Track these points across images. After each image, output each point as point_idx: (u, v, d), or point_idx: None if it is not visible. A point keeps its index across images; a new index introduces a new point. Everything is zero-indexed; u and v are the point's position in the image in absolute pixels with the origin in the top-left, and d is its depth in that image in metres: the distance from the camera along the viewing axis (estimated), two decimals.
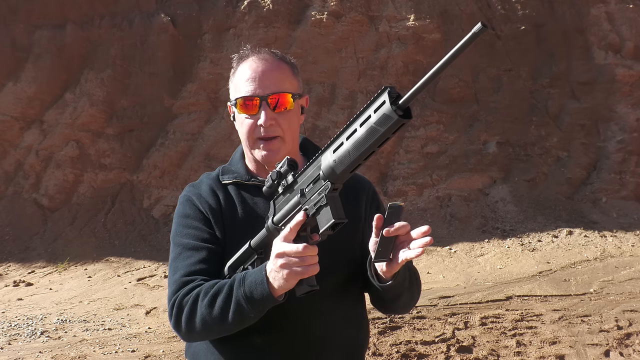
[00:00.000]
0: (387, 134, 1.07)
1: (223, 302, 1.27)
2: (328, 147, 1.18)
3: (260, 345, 1.41)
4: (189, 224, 1.44)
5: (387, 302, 1.44)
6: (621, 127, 9.82)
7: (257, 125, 1.41)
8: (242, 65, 1.47)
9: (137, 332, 5.16)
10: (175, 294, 1.35)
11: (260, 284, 1.23)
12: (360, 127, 1.10)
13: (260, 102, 1.40)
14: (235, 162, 1.55)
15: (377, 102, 1.07)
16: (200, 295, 1.30)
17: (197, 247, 1.40)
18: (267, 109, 1.39)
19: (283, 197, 1.29)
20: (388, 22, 9.92)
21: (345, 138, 1.14)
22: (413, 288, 1.44)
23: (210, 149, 9.20)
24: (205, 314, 1.28)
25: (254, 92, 1.41)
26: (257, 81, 1.41)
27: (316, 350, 1.43)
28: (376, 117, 1.07)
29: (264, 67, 1.43)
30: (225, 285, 1.29)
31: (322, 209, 1.19)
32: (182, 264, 1.39)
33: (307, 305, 1.42)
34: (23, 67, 9.35)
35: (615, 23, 10.33)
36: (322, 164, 1.18)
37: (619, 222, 8.64)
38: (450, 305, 5.54)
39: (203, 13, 9.77)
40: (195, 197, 1.47)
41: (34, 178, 9.13)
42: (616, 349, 4.34)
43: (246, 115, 1.43)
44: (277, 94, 1.41)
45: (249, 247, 1.34)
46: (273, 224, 1.30)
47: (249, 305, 1.24)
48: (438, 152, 9.52)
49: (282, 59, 1.48)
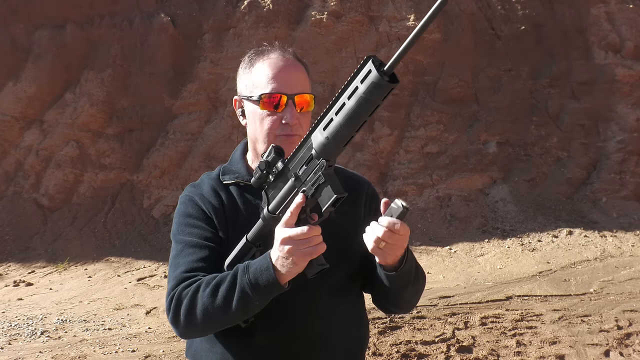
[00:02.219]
0: (377, 102, 1.08)
1: (226, 291, 1.25)
2: (316, 126, 1.19)
3: (260, 345, 1.40)
4: (192, 223, 1.43)
5: (392, 296, 1.41)
6: (621, 127, 9.82)
7: (280, 123, 1.41)
8: (263, 61, 1.45)
9: (137, 332, 5.16)
10: (175, 289, 1.33)
11: (265, 271, 1.22)
12: (349, 99, 1.11)
13: (287, 100, 1.40)
14: (236, 162, 1.55)
15: (363, 73, 1.08)
16: (202, 286, 1.29)
17: (200, 245, 1.39)
18: (293, 108, 1.40)
19: (275, 185, 1.29)
20: (388, 22, 9.92)
21: (335, 113, 1.14)
22: (418, 282, 1.43)
23: (210, 149, 9.20)
24: (207, 303, 1.26)
25: (281, 89, 1.40)
26: (283, 79, 1.42)
27: (316, 350, 1.43)
28: (365, 87, 1.07)
29: (288, 66, 1.44)
30: (228, 275, 1.28)
31: (321, 188, 1.19)
32: (183, 261, 1.37)
33: (307, 305, 1.42)
34: (23, 67, 9.34)
35: (615, 23, 10.33)
36: (313, 143, 1.19)
37: (619, 222, 8.64)
38: (450, 305, 5.54)
39: (203, 13, 9.77)
40: (197, 197, 1.47)
41: (34, 178, 9.13)
42: (616, 349, 4.34)
43: (269, 112, 1.42)
44: (302, 94, 1.42)
45: (246, 242, 1.34)
46: (269, 212, 1.29)
47: (254, 292, 1.23)
48: (438, 152, 9.52)
49: (298, 59, 1.49)
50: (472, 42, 10.14)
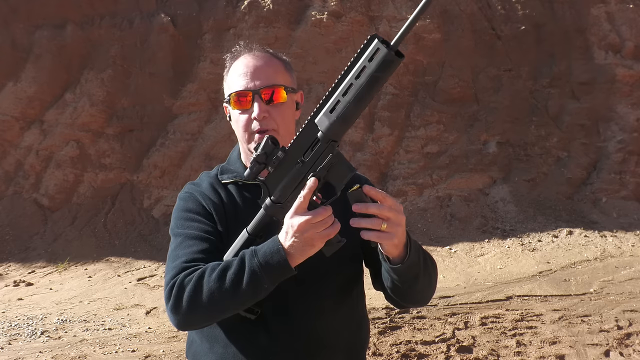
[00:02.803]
0: (386, 78, 1.12)
1: (235, 274, 1.23)
2: (319, 111, 1.19)
3: (261, 345, 1.40)
4: (191, 217, 1.42)
5: (405, 290, 1.36)
6: (621, 127, 9.82)
7: (251, 120, 1.41)
8: (235, 63, 1.47)
9: (137, 332, 5.16)
10: (175, 277, 1.29)
11: (276, 253, 1.21)
12: (357, 79, 1.12)
13: (253, 95, 1.40)
14: (234, 162, 1.55)
15: (369, 51, 1.11)
16: (207, 272, 1.26)
17: (200, 237, 1.37)
18: (260, 102, 1.40)
19: (276, 175, 1.27)
20: (388, 22, 9.91)
21: (342, 95, 1.15)
22: (429, 271, 1.37)
23: (210, 149, 9.20)
24: (214, 287, 1.23)
25: (246, 86, 1.41)
26: (249, 76, 1.42)
27: (317, 350, 1.43)
28: (375, 64, 1.10)
29: (255, 63, 1.44)
30: (234, 260, 1.26)
31: (333, 168, 1.21)
32: (183, 252, 1.35)
33: (308, 306, 1.42)
34: (23, 67, 9.34)
35: (615, 23, 10.33)
36: (319, 126, 1.19)
37: (619, 222, 8.64)
38: (450, 305, 5.54)
39: (203, 13, 9.77)
40: (197, 193, 1.46)
41: (34, 178, 9.13)
42: (616, 349, 4.34)
43: (240, 111, 1.43)
44: (269, 87, 1.41)
45: (247, 235, 1.32)
46: (272, 202, 1.27)
47: (264, 274, 1.21)
48: (438, 152, 9.52)
49: (274, 55, 1.49)
50: (472, 42, 10.14)
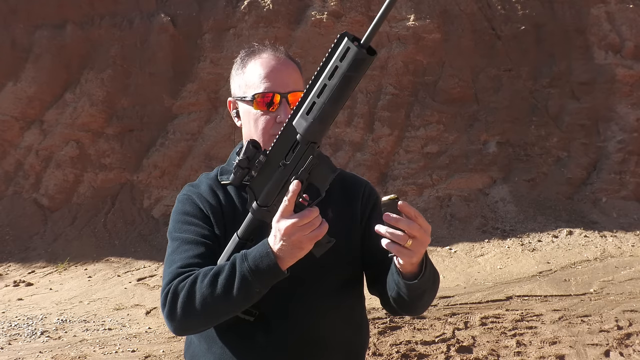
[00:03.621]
0: (359, 77, 1.10)
1: (226, 280, 1.23)
2: (296, 113, 1.19)
3: (259, 346, 1.40)
4: (189, 221, 1.42)
5: (410, 303, 1.34)
6: (621, 127, 9.82)
7: (274, 122, 1.40)
8: (255, 61, 1.46)
9: (137, 332, 5.16)
10: (170, 283, 1.30)
11: (265, 257, 1.20)
12: (330, 79, 1.11)
13: (280, 99, 1.40)
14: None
15: (340, 51, 1.09)
16: (199, 278, 1.26)
17: (197, 241, 1.37)
18: (287, 107, 1.39)
19: (260, 179, 1.27)
20: (388, 22, 9.91)
21: (317, 96, 1.14)
22: (435, 285, 1.38)
23: (210, 149, 9.20)
24: (206, 294, 1.23)
25: (274, 88, 1.40)
26: (276, 78, 1.41)
27: (316, 351, 1.42)
28: (347, 64, 1.08)
29: (280, 65, 1.44)
30: (226, 265, 1.26)
31: (315, 169, 1.20)
32: (179, 257, 1.35)
33: (307, 306, 1.41)
34: (23, 67, 9.34)
35: (615, 23, 10.33)
36: (297, 129, 1.19)
37: (619, 222, 8.64)
38: (450, 305, 5.54)
39: (203, 13, 9.77)
40: (195, 196, 1.46)
41: (34, 178, 9.13)
42: (616, 349, 4.34)
43: (262, 112, 1.42)
44: (296, 92, 1.41)
45: (238, 239, 1.32)
46: (259, 206, 1.27)
47: (254, 279, 1.21)
48: (438, 152, 9.52)
49: (291, 58, 1.49)
50: (472, 42, 10.14)
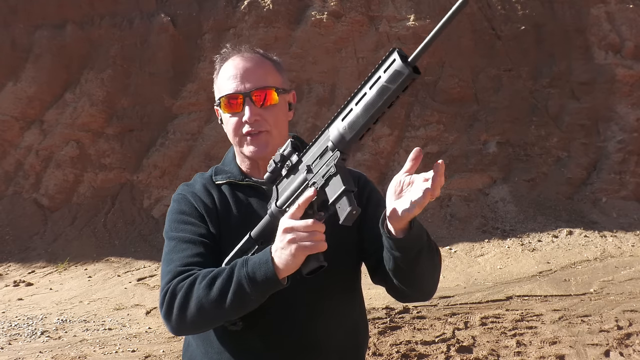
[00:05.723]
0: (397, 92, 1.08)
1: (222, 284, 1.21)
2: (337, 117, 1.17)
3: (256, 348, 1.39)
4: (185, 220, 1.42)
5: (407, 269, 1.26)
6: (621, 127, 9.82)
7: (243, 122, 1.40)
8: (224, 65, 1.46)
9: (137, 332, 5.16)
10: (169, 282, 1.29)
11: (264, 264, 1.18)
12: (371, 89, 1.10)
13: (243, 98, 1.39)
14: (229, 162, 1.54)
15: (387, 63, 1.08)
16: (198, 279, 1.25)
17: (194, 240, 1.37)
18: (251, 105, 1.38)
19: (287, 180, 1.26)
20: (388, 22, 9.91)
21: (355, 103, 1.13)
22: (434, 254, 1.32)
23: (210, 149, 9.20)
24: (202, 296, 1.22)
25: (237, 89, 1.40)
26: (239, 78, 1.40)
27: (316, 351, 1.42)
28: (387, 75, 1.07)
29: (245, 64, 1.42)
30: (226, 268, 1.24)
31: (331, 179, 1.16)
32: (178, 256, 1.34)
33: (304, 308, 1.41)
34: (23, 67, 9.34)
35: (615, 23, 10.32)
36: (330, 134, 1.17)
37: (619, 222, 8.64)
38: (450, 305, 5.54)
39: (203, 13, 9.76)
40: (190, 195, 1.47)
41: (34, 178, 9.13)
42: (616, 349, 4.34)
43: (230, 114, 1.42)
44: (260, 89, 1.39)
45: (249, 238, 1.31)
46: (277, 207, 1.26)
47: (250, 286, 1.19)
48: (438, 152, 9.52)
49: (264, 55, 1.47)
50: (472, 42, 10.14)
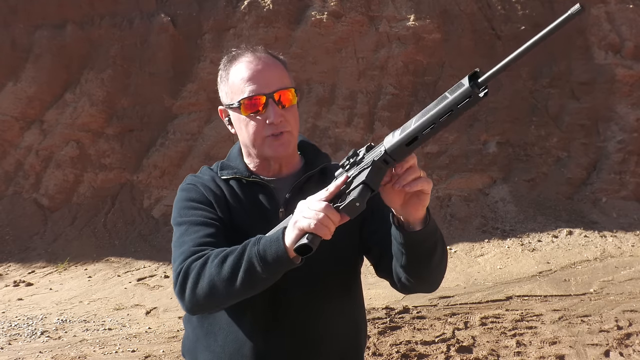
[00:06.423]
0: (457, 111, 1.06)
1: (234, 262, 1.21)
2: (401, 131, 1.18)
3: (258, 344, 1.40)
4: (195, 206, 1.42)
5: (420, 263, 1.26)
6: (621, 127, 9.81)
7: (265, 124, 1.39)
8: (237, 66, 1.44)
9: (137, 332, 5.16)
10: (183, 262, 1.29)
11: (275, 242, 1.18)
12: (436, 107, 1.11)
13: (266, 100, 1.39)
14: (234, 159, 1.54)
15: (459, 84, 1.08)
16: (211, 257, 1.25)
17: (206, 223, 1.37)
18: (274, 106, 1.38)
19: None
20: (388, 22, 9.91)
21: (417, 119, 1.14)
22: (443, 246, 1.30)
23: (210, 149, 9.20)
24: (214, 274, 1.22)
25: (259, 90, 1.39)
26: (259, 79, 1.40)
27: (315, 350, 1.43)
28: (454, 95, 1.07)
29: (262, 66, 1.42)
30: (239, 246, 1.24)
31: (362, 172, 1.16)
32: (190, 238, 1.34)
33: (307, 305, 1.42)
34: (23, 67, 9.34)
35: (615, 23, 10.32)
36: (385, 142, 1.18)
37: (619, 222, 8.63)
38: (450, 305, 5.54)
39: (203, 13, 9.76)
40: (199, 184, 1.47)
41: (34, 178, 9.12)
42: (616, 349, 4.34)
43: (251, 116, 1.41)
44: (281, 90, 1.40)
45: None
46: None
47: (261, 265, 1.18)
48: (438, 152, 9.52)
49: (274, 56, 1.48)
50: (472, 42, 10.14)
